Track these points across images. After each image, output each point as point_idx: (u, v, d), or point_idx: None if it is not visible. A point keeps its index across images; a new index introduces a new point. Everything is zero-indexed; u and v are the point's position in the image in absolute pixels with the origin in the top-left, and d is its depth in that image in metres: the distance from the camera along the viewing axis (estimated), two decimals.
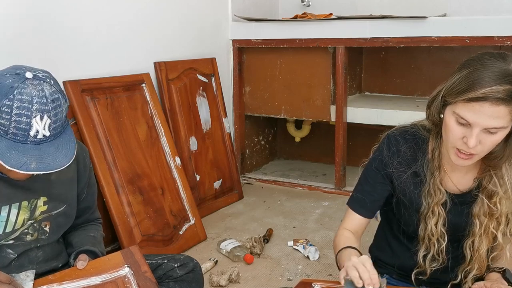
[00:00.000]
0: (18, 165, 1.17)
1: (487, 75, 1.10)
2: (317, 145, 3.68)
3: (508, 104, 1.09)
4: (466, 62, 1.18)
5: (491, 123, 1.11)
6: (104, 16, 2.34)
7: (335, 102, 3.03)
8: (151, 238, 2.25)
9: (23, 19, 1.98)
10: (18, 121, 1.17)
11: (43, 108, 1.18)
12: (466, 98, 1.11)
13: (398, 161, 1.34)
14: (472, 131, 1.13)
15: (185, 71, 2.80)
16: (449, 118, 1.17)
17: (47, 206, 1.39)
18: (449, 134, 1.18)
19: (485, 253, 1.28)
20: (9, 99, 1.16)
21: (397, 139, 1.35)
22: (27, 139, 1.19)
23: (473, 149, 1.15)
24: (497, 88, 1.08)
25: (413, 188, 1.34)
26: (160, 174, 2.40)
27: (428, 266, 1.36)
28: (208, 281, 2.01)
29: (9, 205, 1.32)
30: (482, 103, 1.10)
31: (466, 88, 1.12)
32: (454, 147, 1.18)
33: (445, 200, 1.30)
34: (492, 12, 2.98)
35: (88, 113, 2.18)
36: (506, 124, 1.12)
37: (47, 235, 1.42)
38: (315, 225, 2.65)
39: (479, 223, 1.28)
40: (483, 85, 1.09)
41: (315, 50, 3.04)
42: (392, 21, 2.76)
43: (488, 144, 1.15)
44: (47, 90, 1.20)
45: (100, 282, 1.35)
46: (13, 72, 1.20)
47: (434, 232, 1.31)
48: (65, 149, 1.23)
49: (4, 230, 1.33)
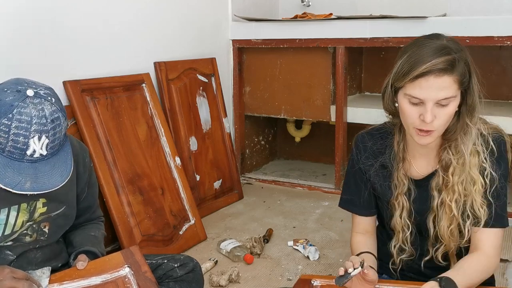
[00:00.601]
0: (13, 184, 1.17)
1: (425, 52, 1.19)
2: (317, 145, 3.68)
3: (450, 73, 1.18)
4: (405, 48, 1.26)
5: (440, 94, 1.18)
6: (104, 16, 2.34)
7: (335, 102, 3.03)
8: (151, 238, 2.25)
9: (23, 19, 1.98)
10: (15, 141, 1.17)
11: (42, 128, 1.18)
12: (411, 77, 1.19)
13: (365, 156, 1.42)
14: (426, 107, 1.19)
15: (185, 71, 2.80)
16: (403, 102, 1.24)
17: (46, 208, 1.39)
18: (406, 116, 1.25)
19: (446, 227, 1.31)
20: (7, 118, 1.16)
21: (363, 136, 1.44)
22: (23, 158, 1.19)
23: (430, 124, 1.21)
24: (437, 60, 1.17)
25: (383, 180, 1.40)
26: (160, 174, 2.40)
27: (397, 257, 1.41)
28: (208, 281, 2.01)
29: (8, 207, 1.32)
30: (427, 78, 1.18)
31: (410, 68, 1.20)
32: (414, 127, 1.24)
33: (408, 188, 1.35)
34: (492, 12, 2.98)
35: (88, 113, 2.18)
36: (453, 93, 1.20)
37: (46, 236, 1.42)
38: (315, 225, 2.65)
39: (437, 196, 1.32)
40: (424, 61, 1.18)
41: (315, 50, 3.04)
42: (392, 21, 2.76)
43: (444, 117, 1.21)
44: (47, 109, 1.19)
45: (101, 282, 1.35)
46: (14, 88, 1.19)
47: (398, 222, 1.37)
48: (61, 168, 1.24)
49: (3, 233, 1.32)
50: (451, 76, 1.18)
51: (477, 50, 2.97)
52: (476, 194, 1.28)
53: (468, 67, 1.22)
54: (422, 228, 1.38)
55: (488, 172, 1.28)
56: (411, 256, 1.40)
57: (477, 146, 1.28)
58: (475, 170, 1.28)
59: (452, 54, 1.19)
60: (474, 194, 1.28)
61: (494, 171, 1.28)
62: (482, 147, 1.28)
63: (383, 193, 1.41)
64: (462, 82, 1.21)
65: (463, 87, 1.22)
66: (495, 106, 2.94)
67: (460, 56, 1.21)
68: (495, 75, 3.08)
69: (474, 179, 1.28)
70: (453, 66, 1.18)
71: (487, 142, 1.29)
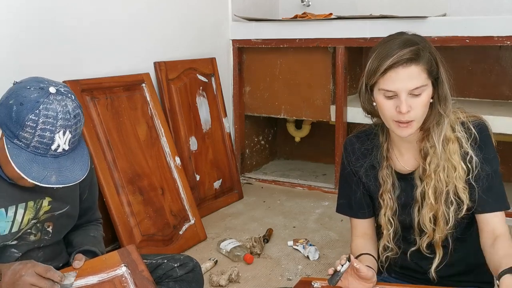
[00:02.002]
0: (40, 178, 1.19)
1: (391, 47, 1.25)
2: (317, 145, 3.68)
3: (417, 62, 1.23)
4: (373, 48, 1.31)
5: (411, 84, 1.23)
6: (104, 16, 2.34)
7: (335, 102, 3.04)
8: (151, 238, 2.25)
9: (23, 19, 1.98)
10: (41, 136, 1.19)
11: (67, 123, 1.22)
12: (381, 72, 1.24)
13: (355, 158, 1.46)
14: (400, 98, 1.24)
15: (185, 71, 2.80)
16: (379, 97, 1.29)
17: (51, 206, 1.40)
18: (384, 111, 1.29)
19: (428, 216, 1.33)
20: (35, 114, 1.19)
21: (351, 139, 1.49)
22: (48, 153, 1.22)
23: (407, 115, 1.25)
24: (402, 52, 1.23)
25: (373, 180, 1.43)
26: (160, 174, 2.40)
27: (382, 255, 1.43)
28: (208, 281, 2.01)
29: (16, 205, 1.34)
30: (395, 69, 1.23)
31: (379, 63, 1.25)
32: (393, 120, 1.28)
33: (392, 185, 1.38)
34: (492, 12, 2.98)
35: (88, 113, 2.18)
36: (423, 82, 1.25)
37: (50, 235, 1.43)
38: (315, 225, 2.65)
39: (419, 185, 1.35)
40: (390, 55, 1.24)
41: (315, 50, 3.04)
42: (392, 21, 2.76)
43: (419, 107, 1.26)
44: (70, 105, 1.23)
45: (97, 282, 1.35)
46: (37, 86, 1.23)
47: (383, 220, 1.40)
48: (80, 162, 1.27)
49: (11, 230, 1.34)
50: (418, 65, 1.23)
51: (477, 50, 2.98)
52: (458, 180, 1.31)
53: (433, 57, 1.27)
54: (407, 221, 1.40)
55: (470, 157, 1.30)
56: (395, 254, 1.42)
57: (457, 132, 1.31)
58: (456, 157, 1.31)
59: (416, 45, 1.25)
60: (455, 180, 1.31)
61: (475, 156, 1.30)
62: (462, 133, 1.31)
63: (374, 192, 1.44)
64: (430, 71, 1.26)
65: (432, 76, 1.27)
66: (495, 106, 2.94)
67: (424, 46, 1.26)
68: (495, 75, 3.08)
69: (455, 165, 1.30)
70: (418, 55, 1.23)
71: (468, 128, 1.32)
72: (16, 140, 1.20)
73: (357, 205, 1.48)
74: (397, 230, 1.40)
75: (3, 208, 1.32)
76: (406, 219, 1.39)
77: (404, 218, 1.40)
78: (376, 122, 1.44)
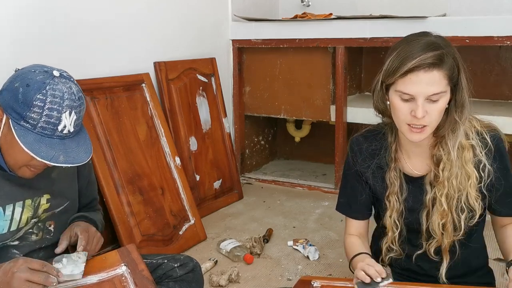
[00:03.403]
0: (48, 158, 1.21)
1: (414, 48, 1.21)
2: (317, 145, 3.68)
3: (439, 68, 1.19)
4: (394, 46, 1.27)
5: (430, 89, 1.19)
6: (104, 16, 2.34)
7: (335, 102, 3.03)
8: (151, 238, 2.25)
9: (23, 19, 1.98)
10: (49, 115, 1.21)
11: (72, 104, 1.25)
12: (401, 73, 1.20)
13: (362, 159, 1.43)
14: (417, 102, 1.20)
15: (185, 71, 2.80)
16: (394, 98, 1.25)
17: (50, 204, 1.41)
18: (398, 113, 1.25)
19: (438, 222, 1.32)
20: (42, 94, 1.21)
21: (358, 139, 1.45)
22: (54, 134, 1.23)
23: (423, 120, 1.22)
24: (426, 55, 1.19)
25: (380, 181, 1.41)
26: (160, 174, 2.40)
27: (385, 255, 1.43)
28: (208, 281, 2.01)
29: (13, 203, 1.34)
30: (416, 73, 1.19)
31: (399, 64, 1.21)
32: (406, 124, 1.25)
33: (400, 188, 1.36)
34: (492, 12, 2.98)
35: (88, 113, 2.18)
36: (443, 88, 1.21)
37: (51, 234, 1.44)
38: (315, 225, 2.65)
39: (430, 191, 1.34)
40: (413, 57, 1.19)
41: (315, 50, 3.04)
42: (392, 21, 2.76)
43: (435, 113, 1.22)
44: (74, 88, 1.27)
45: (97, 281, 1.35)
46: (41, 69, 1.26)
47: (388, 222, 1.38)
48: (84, 146, 1.30)
49: (9, 229, 1.34)
50: (440, 71, 1.20)
51: (477, 50, 2.97)
52: (471, 188, 1.29)
53: (456, 63, 1.23)
54: (414, 224, 1.39)
55: (483, 166, 1.29)
56: (399, 256, 1.42)
57: (471, 140, 1.29)
58: (470, 165, 1.29)
59: (440, 49, 1.21)
60: (469, 188, 1.29)
61: (490, 165, 1.29)
62: (477, 141, 1.30)
63: (380, 193, 1.42)
64: (451, 77, 1.22)
65: (452, 83, 1.23)
66: (495, 106, 2.94)
67: (448, 51, 1.22)
68: (495, 75, 3.08)
69: (469, 173, 1.29)
70: (441, 60, 1.19)
71: (484, 138, 1.30)
72: (23, 122, 1.21)
73: (359, 206, 1.48)
74: (402, 232, 1.39)
75: (0, 206, 1.32)
76: (414, 223, 1.38)
77: (411, 221, 1.38)
78: (385, 122, 1.41)
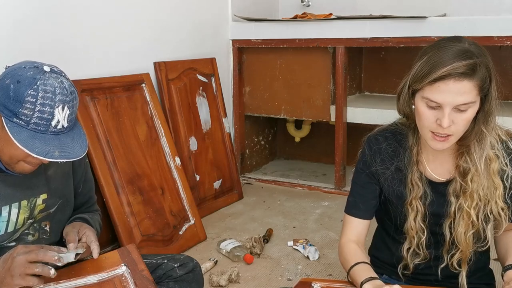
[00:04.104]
0: (43, 153, 1.20)
1: (446, 55, 1.16)
2: (317, 145, 3.68)
3: (470, 78, 1.14)
4: (425, 50, 1.23)
5: (459, 99, 1.15)
6: (104, 16, 2.34)
7: (335, 102, 3.03)
8: (151, 238, 2.25)
9: (22, 20, 1.99)
10: (41, 111, 1.20)
11: (64, 99, 1.23)
12: (430, 80, 1.16)
13: (380, 159, 1.38)
14: (444, 111, 1.16)
15: (185, 71, 2.80)
16: (420, 105, 1.21)
17: (45, 204, 1.40)
18: (422, 119, 1.22)
19: (463, 233, 1.30)
20: (33, 89, 1.20)
21: (377, 138, 1.40)
22: (48, 130, 1.22)
23: (448, 129, 1.18)
24: (458, 64, 1.14)
25: (398, 184, 1.36)
26: (160, 174, 2.40)
27: (411, 261, 1.38)
28: (208, 281, 2.01)
29: (9, 205, 1.33)
30: (446, 81, 1.14)
31: (429, 70, 1.16)
32: (429, 131, 1.22)
33: (424, 192, 1.33)
34: (492, 12, 2.98)
35: (88, 113, 2.18)
36: (473, 99, 1.16)
37: (48, 234, 1.44)
38: (315, 225, 2.65)
39: (454, 201, 1.30)
40: (444, 64, 1.15)
41: (315, 50, 3.04)
42: (392, 21, 2.76)
43: (461, 123, 1.19)
44: (65, 82, 1.25)
45: (97, 281, 1.34)
46: (31, 65, 1.25)
47: (412, 226, 1.34)
48: (79, 141, 1.28)
49: (6, 230, 1.34)
50: (472, 81, 1.15)
51: None
52: (499, 199, 1.27)
53: (489, 73, 1.19)
54: (437, 232, 1.36)
55: (507, 175, 1.27)
56: (425, 259, 1.38)
57: (496, 150, 1.27)
58: (497, 176, 1.26)
59: (473, 59, 1.15)
60: (497, 199, 1.27)
61: None
62: (501, 152, 1.27)
63: (398, 197, 1.38)
64: (483, 88, 1.17)
65: (483, 93, 1.19)
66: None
67: (482, 61, 1.17)
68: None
69: (496, 185, 1.26)
70: (474, 70, 1.14)
71: (508, 147, 1.28)
72: (16, 119, 1.20)
73: (366, 205, 1.43)
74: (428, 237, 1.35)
75: None
76: (436, 230, 1.35)
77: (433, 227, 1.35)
78: (403, 122, 1.37)
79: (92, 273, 1.36)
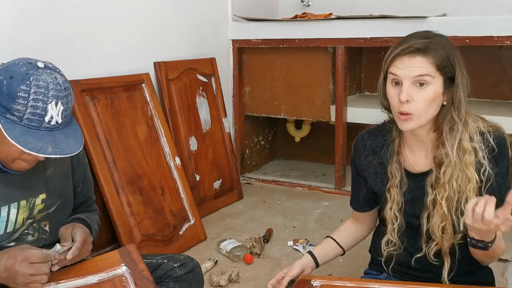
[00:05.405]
0: (36, 149, 1.19)
1: (409, 37, 1.28)
2: (317, 145, 3.68)
3: (424, 54, 1.23)
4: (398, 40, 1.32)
5: (414, 72, 1.23)
6: (103, 16, 2.34)
7: (335, 102, 3.03)
8: (151, 238, 2.25)
9: (22, 19, 1.99)
10: (34, 106, 1.20)
11: (58, 94, 1.23)
12: (392, 57, 1.27)
13: (364, 155, 1.46)
14: (402, 86, 1.25)
15: (185, 71, 2.80)
16: (388, 86, 1.31)
17: (44, 204, 1.40)
18: (390, 100, 1.30)
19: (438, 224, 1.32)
20: (26, 85, 1.20)
21: (363, 136, 1.48)
22: (41, 125, 1.22)
23: (406, 105, 1.25)
24: (414, 42, 1.25)
25: (381, 176, 1.42)
26: (160, 174, 2.40)
27: (384, 249, 1.42)
28: (208, 281, 2.01)
29: (8, 205, 1.33)
30: (402, 57, 1.25)
31: (391, 51, 1.29)
32: (396, 112, 1.28)
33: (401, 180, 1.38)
34: (492, 12, 2.98)
35: (88, 113, 2.18)
36: (428, 72, 1.24)
37: (47, 234, 1.43)
38: (315, 225, 2.65)
39: (431, 192, 1.34)
40: (404, 43, 1.26)
41: (315, 50, 3.04)
42: (392, 21, 2.76)
43: (421, 101, 1.25)
44: (59, 78, 1.25)
45: (97, 281, 1.35)
46: (25, 61, 1.25)
47: (388, 214, 1.40)
48: (74, 137, 1.28)
49: (5, 230, 1.34)
50: (425, 57, 1.23)
51: (477, 50, 2.97)
52: (471, 192, 1.29)
53: (448, 56, 1.25)
54: (414, 223, 1.39)
55: (484, 169, 1.29)
56: (399, 249, 1.41)
57: (475, 143, 1.29)
58: (471, 169, 1.29)
59: (429, 39, 1.25)
60: (469, 192, 1.29)
61: (491, 169, 1.29)
62: (480, 144, 1.29)
63: (380, 188, 1.43)
64: (441, 66, 1.24)
65: (443, 73, 1.25)
66: (495, 106, 2.94)
67: (438, 42, 1.25)
68: (495, 75, 3.08)
69: (469, 177, 1.29)
70: (427, 48, 1.23)
71: (487, 140, 1.30)
72: (9, 115, 1.20)
73: (362, 199, 1.52)
74: (401, 225, 1.40)
75: None
76: (412, 219, 1.39)
77: (410, 216, 1.39)
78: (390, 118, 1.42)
79: (92, 273, 1.36)
